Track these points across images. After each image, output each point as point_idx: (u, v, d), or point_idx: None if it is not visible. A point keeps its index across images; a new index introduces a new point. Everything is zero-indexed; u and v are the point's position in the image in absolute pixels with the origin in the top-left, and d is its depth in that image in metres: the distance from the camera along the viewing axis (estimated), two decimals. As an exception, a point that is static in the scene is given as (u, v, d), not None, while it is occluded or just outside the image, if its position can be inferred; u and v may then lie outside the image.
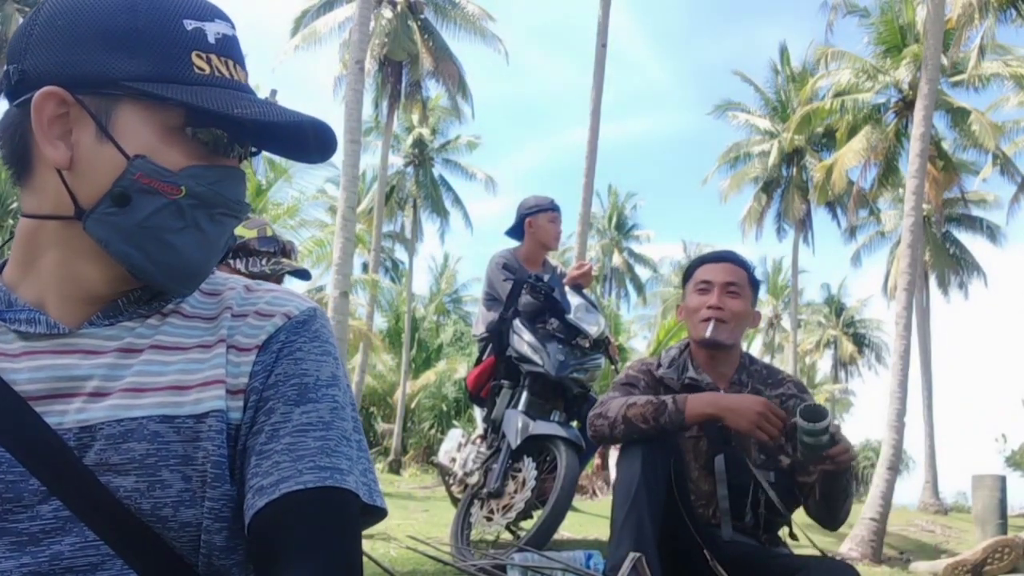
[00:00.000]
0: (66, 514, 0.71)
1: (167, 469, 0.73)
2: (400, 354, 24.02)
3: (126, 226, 0.74)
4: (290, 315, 0.81)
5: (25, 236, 0.78)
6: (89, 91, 0.73)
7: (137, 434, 0.73)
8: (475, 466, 3.80)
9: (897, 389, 9.80)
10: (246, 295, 0.84)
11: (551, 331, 3.65)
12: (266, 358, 0.78)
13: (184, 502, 0.73)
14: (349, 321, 11.39)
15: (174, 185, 0.75)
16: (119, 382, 0.75)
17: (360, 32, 10.08)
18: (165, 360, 0.77)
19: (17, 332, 0.77)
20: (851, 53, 17.97)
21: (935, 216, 21.47)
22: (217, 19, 0.78)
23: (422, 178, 25.66)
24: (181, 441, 0.74)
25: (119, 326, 0.78)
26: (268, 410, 0.76)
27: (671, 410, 1.99)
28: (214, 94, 0.75)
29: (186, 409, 0.75)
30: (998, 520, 8.73)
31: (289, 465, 0.73)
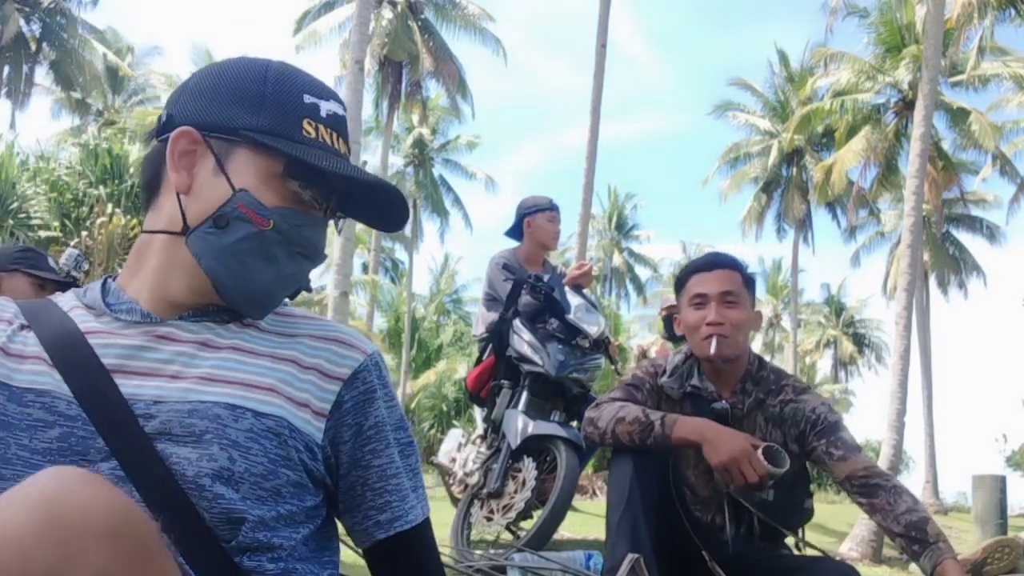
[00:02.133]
0: (121, 474, 0.82)
1: (218, 446, 0.84)
2: (400, 354, 24.03)
3: (218, 245, 0.89)
4: (367, 353, 0.97)
5: (138, 247, 0.95)
6: (216, 135, 0.90)
7: (200, 413, 0.85)
8: (475, 466, 3.80)
9: (897, 389, 9.81)
10: (319, 322, 0.99)
11: (551, 331, 3.65)
12: (354, 394, 0.94)
13: (222, 477, 0.84)
14: (349, 321, 11.38)
15: (265, 218, 0.90)
16: (196, 369, 0.89)
17: (360, 32, 10.08)
18: (239, 360, 0.91)
19: (117, 319, 0.92)
20: (851, 54, 17.97)
21: (935, 216, 21.47)
22: (332, 100, 0.96)
23: (422, 178, 25.67)
24: (237, 428, 0.86)
25: (202, 324, 0.93)
26: (373, 450, 0.95)
27: (657, 433, 1.96)
28: (312, 152, 0.90)
29: (250, 404, 0.88)
30: (998, 520, 8.72)
31: (398, 504, 0.96)
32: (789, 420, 2.06)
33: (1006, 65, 17.03)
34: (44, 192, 12.03)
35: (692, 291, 2.11)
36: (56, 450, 0.83)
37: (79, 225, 11.30)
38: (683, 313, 2.15)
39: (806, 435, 2.04)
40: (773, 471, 1.84)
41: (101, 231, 10.49)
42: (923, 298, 22.44)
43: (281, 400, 0.89)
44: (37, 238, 11.15)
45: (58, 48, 22.01)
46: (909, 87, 16.94)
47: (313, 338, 0.95)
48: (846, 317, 35.42)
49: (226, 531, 0.84)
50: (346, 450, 0.94)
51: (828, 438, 2.00)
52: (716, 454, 1.88)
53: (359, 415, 0.94)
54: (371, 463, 0.95)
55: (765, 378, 2.12)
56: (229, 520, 0.84)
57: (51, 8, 21.85)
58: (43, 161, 12.96)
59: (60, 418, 0.84)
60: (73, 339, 0.89)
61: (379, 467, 0.95)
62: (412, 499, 0.98)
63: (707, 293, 2.07)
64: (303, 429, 0.90)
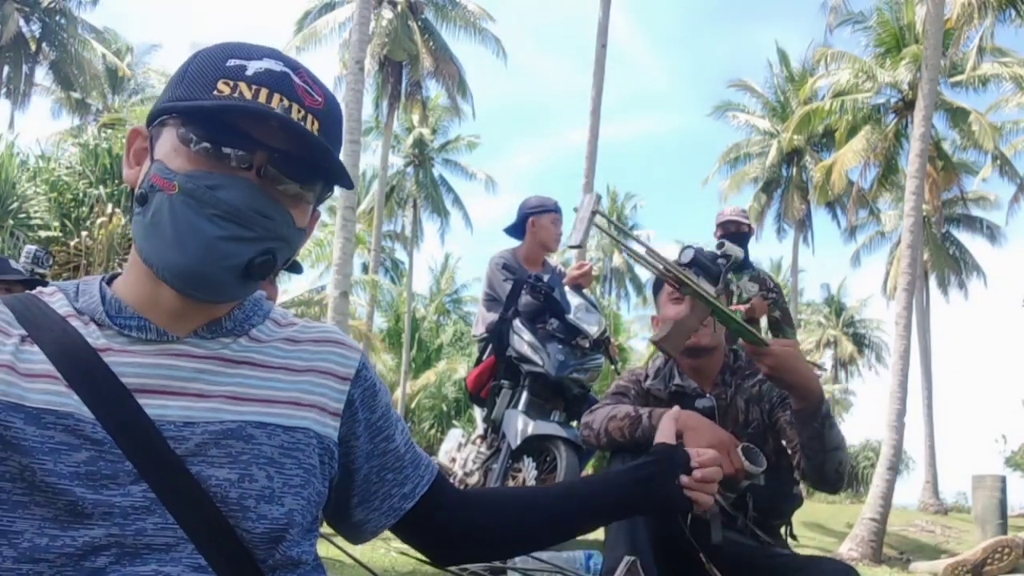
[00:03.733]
0: (152, 496, 0.81)
1: (256, 466, 0.85)
2: (400, 354, 24.03)
3: (143, 225, 0.86)
4: (359, 350, 1.01)
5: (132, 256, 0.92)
6: (154, 123, 0.89)
7: (236, 433, 0.86)
8: (475, 466, 3.80)
9: (897, 389, 9.81)
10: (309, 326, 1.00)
11: (551, 331, 3.65)
12: (360, 391, 0.98)
13: (264, 497, 0.85)
14: (349, 321, 11.38)
15: (169, 182, 0.84)
16: (220, 387, 0.88)
17: (360, 32, 10.08)
18: (258, 375, 0.91)
19: (127, 336, 0.88)
20: (851, 54, 17.97)
21: (935, 216, 21.47)
22: (267, 58, 0.89)
23: (422, 178, 25.68)
24: (271, 445, 0.87)
25: (217, 340, 0.92)
26: (387, 437, 1.00)
27: (645, 425, 2.02)
28: (202, 103, 0.84)
29: (278, 420, 0.89)
30: (998, 520, 8.73)
31: (414, 473, 1.03)
32: (765, 397, 2.13)
33: (1006, 65, 17.03)
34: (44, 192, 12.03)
35: (669, 288, 2.20)
36: (84, 474, 0.80)
37: (79, 225, 11.29)
38: (661, 311, 2.26)
39: (774, 408, 2.11)
40: (750, 468, 1.87)
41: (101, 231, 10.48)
42: (923, 298, 22.44)
43: (304, 411, 0.91)
44: (37, 238, 11.14)
45: (58, 48, 22.02)
46: (909, 87, 16.95)
47: (315, 343, 0.97)
48: (846, 317, 35.41)
49: (264, 551, 0.85)
50: (361, 444, 0.97)
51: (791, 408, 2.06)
52: (696, 441, 1.91)
53: (367, 410, 0.98)
54: (387, 449, 1.00)
55: (741, 367, 2.22)
56: (271, 539, 0.85)
57: (51, 8, 21.85)
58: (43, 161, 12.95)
59: (86, 441, 0.81)
60: (85, 357, 0.85)
61: (394, 451, 1.01)
62: (422, 461, 1.05)
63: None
64: (323, 433, 0.92)
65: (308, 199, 0.91)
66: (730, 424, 2.13)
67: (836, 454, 1.97)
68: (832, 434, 1.95)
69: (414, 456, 1.04)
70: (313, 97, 0.89)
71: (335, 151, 0.91)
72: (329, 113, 0.90)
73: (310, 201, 0.92)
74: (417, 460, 1.04)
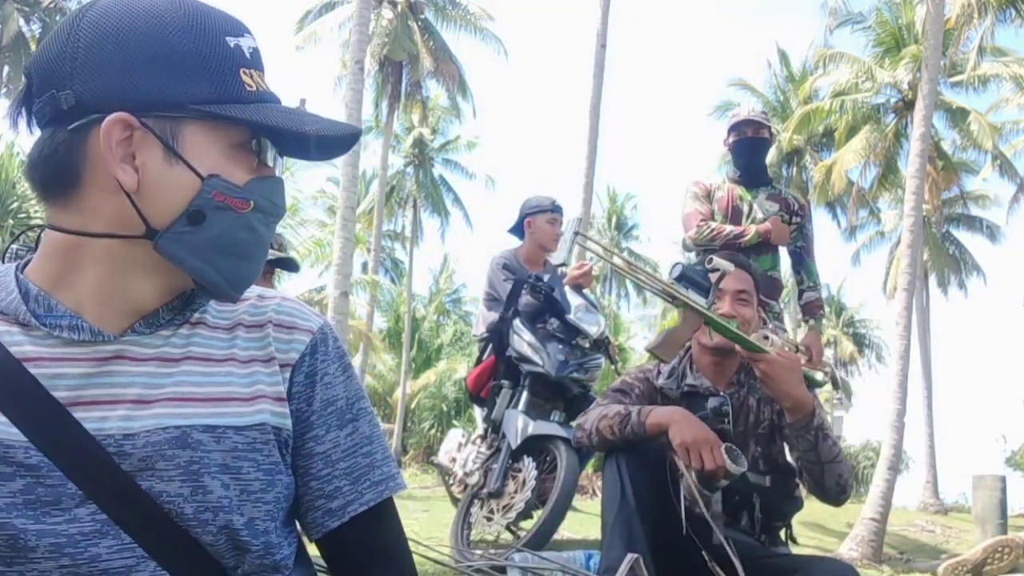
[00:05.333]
0: (103, 517, 0.74)
1: (208, 476, 0.77)
2: (400, 354, 24.02)
3: (198, 243, 0.78)
4: (312, 331, 0.88)
5: (61, 250, 0.79)
6: (153, 115, 0.76)
7: (181, 441, 0.77)
8: (475, 466, 3.80)
9: (897, 389, 9.81)
10: (260, 304, 0.89)
11: (551, 331, 3.65)
12: (301, 379, 0.86)
13: (223, 508, 0.78)
14: (349, 321, 11.38)
15: (244, 200, 0.80)
16: (160, 390, 0.79)
17: (360, 32, 10.07)
18: (202, 371, 0.82)
19: (58, 338, 0.78)
20: (850, 54, 17.97)
21: (935, 216, 21.46)
22: (246, 33, 0.83)
23: (422, 178, 25.67)
24: (221, 451, 0.79)
25: (156, 335, 0.82)
26: (314, 436, 0.86)
27: (634, 421, 2.03)
28: (270, 111, 0.81)
29: (227, 420, 0.80)
30: (998, 520, 8.73)
31: (350, 488, 0.87)
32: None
33: (1006, 65, 17.03)
34: (44, 192, 12.04)
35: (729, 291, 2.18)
36: (23, 503, 0.72)
37: (79, 225, 11.30)
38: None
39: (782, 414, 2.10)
40: (731, 467, 1.89)
41: (101, 231, 10.48)
42: (923, 298, 22.43)
43: (256, 403, 0.82)
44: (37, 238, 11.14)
45: (58, 48, 21.99)
46: (909, 87, 16.94)
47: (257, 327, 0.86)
48: (846, 317, 35.38)
49: (232, 559, 0.79)
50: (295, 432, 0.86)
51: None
52: (681, 434, 1.94)
53: (302, 400, 0.86)
54: (312, 451, 0.86)
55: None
56: (237, 548, 0.79)
57: (51, 8, 21.85)
58: (43, 161, 12.95)
59: (20, 468, 0.73)
60: (9, 369, 0.75)
61: (321, 455, 0.86)
62: (368, 476, 0.88)
63: (724, 288, 2.15)
64: (279, 424, 0.83)
65: None
66: (742, 423, 2.13)
67: (834, 466, 1.98)
68: (826, 446, 1.96)
69: (355, 469, 0.87)
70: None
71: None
72: None
73: None
74: (358, 475, 0.87)
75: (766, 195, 3.74)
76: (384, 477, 0.89)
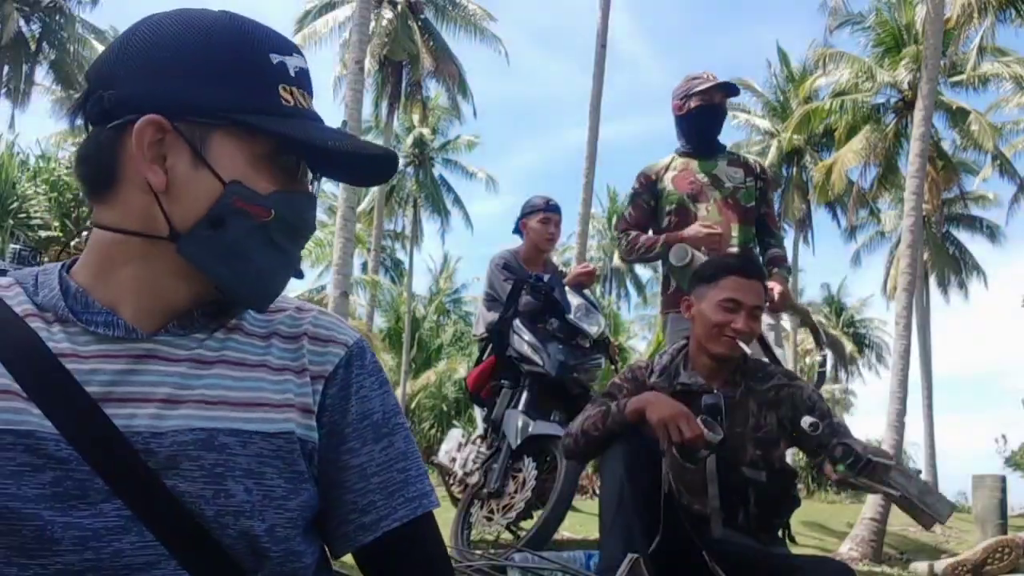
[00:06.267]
0: (128, 513, 0.75)
1: (232, 479, 0.78)
2: (400, 354, 24.03)
3: (218, 246, 0.80)
4: (347, 345, 0.88)
5: (102, 246, 0.82)
6: (185, 119, 0.78)
7: (207, 443, 0.78)
8: (475, 466, 3.80)
9: (897, 389, 9.81)
10: (297, 316, 0.90)
11: (551, 331, 3.65)
12: (335, 391, 0.86)
13: (244, 512, 0.78)
14: (349, 321, 11.39)
15: (265, 208, 0.81)
16: (191, 391, 0.80)
17: (360, 32, 10.08)
18: (234, 375, 0.82)
19: (94, 334, 0.80)
20: (850, 54, 17.99)
21: (935, 216, 21.48)
22: (295, 53, 0.85)
23: (422, 178, 25.68)
24: (246, 455, 0.79)
25: (191, 336, 0.83)
26: (349, 449, 0.86)
27: (614, 412, 2.06)
28: (301, 125, 0.81)
29: (254, 426, 0.80)
30: (998, 520, 8.73)
31: (384, 503, 0.86)
32: (786, 403, 2.13)
33: (1006, 65, 17.04)
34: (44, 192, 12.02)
35: (726, 293, 2.15)
36: (51, 495, 0.74)
37: (79, 225, 11.30)
38: (705, 306, 2.18)
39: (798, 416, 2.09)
40: (708, 436, 1.93)
41: (101, 231, 10.49)
42: (923, 298, 22.45)
43: (284, 412, 0.82)
44: (37, 238, 11.14)
45: (58, 47, 22.01)
46: (909, 87, 16.95)
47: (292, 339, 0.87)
48: (846, 317, 35.39)
49: (252, 562, 0.79)
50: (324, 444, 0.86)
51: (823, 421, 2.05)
52: (657, 412, 1.97)
53: (337, 412, 0.86)
54: (348, 464, 0.85)
55: (751, 367, 2.21)
56: (255, 554, 0.79)
57: (51, 7, 21.85)
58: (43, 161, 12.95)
59: (50, 461, 0.74)
60: (46, 365, 0.77)
61: (357, 468, 0.86)
62: (403, 492, 0.87)
63: (742, 301, 2.14)
64: (305, 436, 0.83)
65: None
66: (739, 423, 2.12)
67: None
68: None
69: (390, 484, 0.86)
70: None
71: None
72: None
73: None
74: (392, 490, 0.86)
75: (727, 162, 3.42)
76: (418, 494, 0.88)
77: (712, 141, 3.46)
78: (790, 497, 2.18)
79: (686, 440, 1.92)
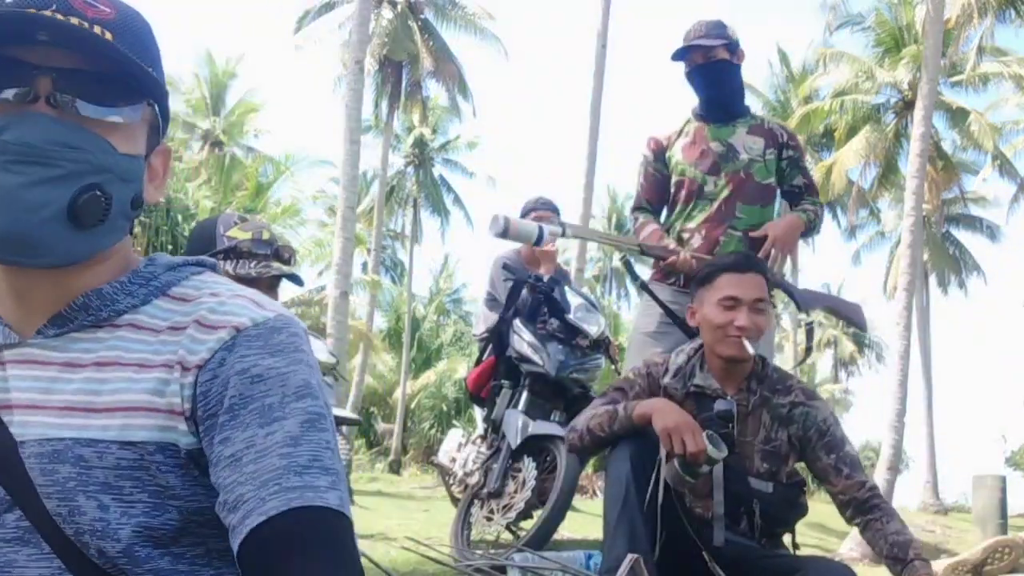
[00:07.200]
0: (26, 524, 0.71)
1: (84, 495, 0.70)
2: (400, 354, 24.02)
3: None
4: (240, 327, 0.73)
5: None
6: None
7: (62, 456, 0.71)
8: (475, 466, 3.80)
9: (897, 389, 9.81)
10: (208, 302, 0.76)
11: (551, 331, 3.65)
12: (207, 379, 0.72)
13: (96, 532, 0.70)
14: (349, 321, 11.39)
15: None
16: (54, 397, 0.73)
17: (360, 32, 10.08)
18: (102, 378, 0.73)
19: None
20: (850, 54, 17.98)
21: (935, 216, 21.47)
22: None
23: (422, 178, 25.68)
24: (103, 467, 0.71)
25: (66, 337, 0.75)
26: (225, 439, 0.70)
27: (621, 416, 2.04)
28: None
29: (111, 434, 0.71)
30: (998, 520, 8.73)
31: (253, 494, 0.66)
32: (798, 422, 2.09)
33: (1006, 65, 17.04)
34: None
35: (723, 291, 2.12)
36: None
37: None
38: (707, 309, 2.15)
39: (811, 442, 2.08)
40: (711, 452, 1.91)
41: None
42: (923, 298, 22.43)
43: (152, 417, 0.72)
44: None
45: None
46: (909, 87, 16.94)
47: (177, 330, 0.75)
48: (846, 317, 35.39)
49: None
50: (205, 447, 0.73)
51: (837, 453, 2.06)
52: (663, 420, 1.95)
53: (210, 402, 0.72)
54: (222, 454, 0.70)
55: (769, 377, 2.16)
56: (122, 574, 0.71)
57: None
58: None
59: None
60: None
61: (231, 457, 0.69)
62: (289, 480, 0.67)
63: (740, 297, 2.10)
64: (176, 441, 0.72)
65: (129, 123, 0.75)
66: (749, 433, 2.09)
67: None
68: None
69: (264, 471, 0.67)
70: (98, 8, 0.73)
71: (140, 62, 0.73)
72: (125, 24, 0.74)
73: (132, 124, 0.76)
74: (267, 478, 0.67)
75: (747, 129, 2.93)
76: (304, 486, 0.67)
77: (724, 103, 2.95)
78: (797, 506, 2.15)
79: (689, 453, 1.90)
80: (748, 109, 3.06)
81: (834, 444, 2.06)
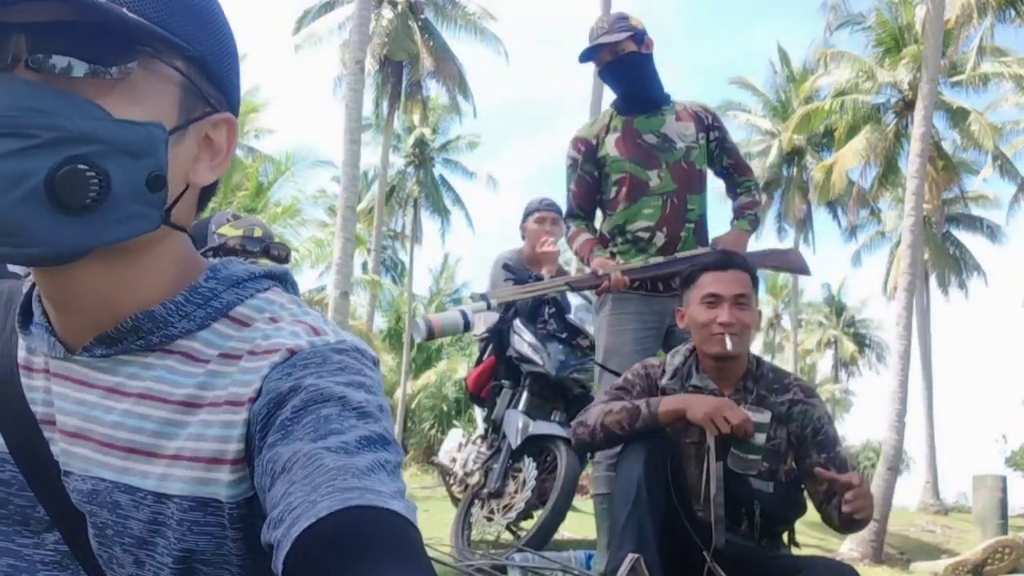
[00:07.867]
0: (64, 549, 0.67)
1: (120, 547, 0.65)
2: (400, 354, 24.03)
3: None
4: (295, 349, 0.64)
5: None
6: None
7: (101, 498, 0.64)
8: (475, 466, 3.80)
9: (897, 389, 9.82)
10: (263, 328, 0.67)
11: (551, 331, 3.66)
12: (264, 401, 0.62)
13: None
14: (350, 321, 11.39)
15: None
16: (95, 428, 0.65)
17: (360, 32, 10.08)
18: (143, 413, 0.65)
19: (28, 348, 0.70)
20: (851, 54, 17.99)
21: (935, 216, 21.47)
22: None
23: (423, 178, 25.68)
24: (139, 520, 0.64)
25: (114, 359, 0.66)
26: (274, 456, 0.58)
27: (644, 414, 2.02)
28: None
29: (150, 483, 0.64)
30: (999, 520, 8.73)
31: (302, 499, 0.53)
32: (797, 420, 2.10)
33: (1006, 65, 17.04)
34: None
35: (705, 289, 2.13)
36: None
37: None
38: (691, 309, 2.17)
39: (806, 440, 2.08)
40: (756, 417, 1.93)
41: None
42: (923, 298, 22.43)
43: (190, 468, 0.63)
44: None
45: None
46: (909, 87, 16.95)
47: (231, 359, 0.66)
48: (847, 317, 35.39)
49: None
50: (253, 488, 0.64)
51: (828, 453, 2.06)
52: (699, 410, 1.96)
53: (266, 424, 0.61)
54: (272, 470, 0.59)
55: (765, 375, 2.17)
56: None
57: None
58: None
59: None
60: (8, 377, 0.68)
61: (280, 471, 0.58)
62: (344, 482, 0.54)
63: (721, 294, 2.11)
64: (217, 495, 0.63)
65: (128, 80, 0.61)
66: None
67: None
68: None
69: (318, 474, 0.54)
70: None
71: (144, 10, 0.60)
72: None
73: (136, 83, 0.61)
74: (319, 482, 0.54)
75: (675, 116, 2.89)
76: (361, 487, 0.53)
77: (644, 94, 2.91)
78: (796, 505, 2.15)
79: (735, 426, 1.90)
80: (669, 96, 2.98)
81: (826, 443, 2.06)
